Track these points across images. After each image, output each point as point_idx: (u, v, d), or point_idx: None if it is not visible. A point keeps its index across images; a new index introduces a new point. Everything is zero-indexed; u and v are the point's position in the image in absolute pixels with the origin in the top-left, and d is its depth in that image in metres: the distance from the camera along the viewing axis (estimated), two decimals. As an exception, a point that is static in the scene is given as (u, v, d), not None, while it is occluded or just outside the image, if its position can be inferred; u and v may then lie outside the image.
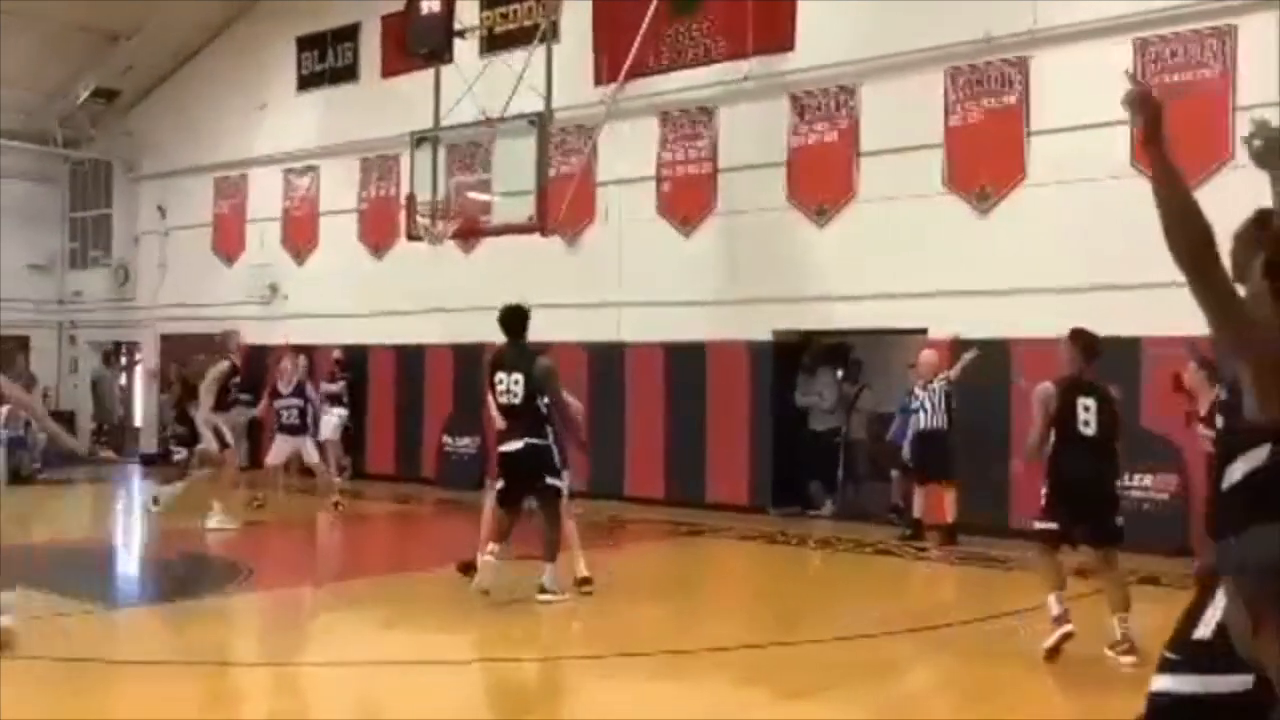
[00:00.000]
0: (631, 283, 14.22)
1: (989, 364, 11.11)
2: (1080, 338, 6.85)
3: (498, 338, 15.86)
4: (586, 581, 8.44)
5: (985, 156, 11.84)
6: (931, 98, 12.19)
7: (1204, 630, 3.05)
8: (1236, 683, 2.94)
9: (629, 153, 14.36)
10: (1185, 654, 3.09)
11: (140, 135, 20.59)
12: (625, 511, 13.42)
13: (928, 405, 11.28)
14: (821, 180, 13.03)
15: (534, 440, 8.08)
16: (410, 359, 16.42)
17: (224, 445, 11.91)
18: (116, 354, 22.28)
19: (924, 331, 12.11)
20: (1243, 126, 10.45)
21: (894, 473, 12.53)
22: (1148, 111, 3.12)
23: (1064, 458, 6.68)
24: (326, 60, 17.89)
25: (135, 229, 20.89)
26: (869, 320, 12.66)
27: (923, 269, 11.97)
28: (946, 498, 11.12)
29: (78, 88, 19.88)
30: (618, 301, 14.29)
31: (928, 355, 11.52)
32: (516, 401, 8.16)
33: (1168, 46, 10.96)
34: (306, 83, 18.18)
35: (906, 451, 11.69)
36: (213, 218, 19.56)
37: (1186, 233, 3.01)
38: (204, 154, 19.19)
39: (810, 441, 13.50)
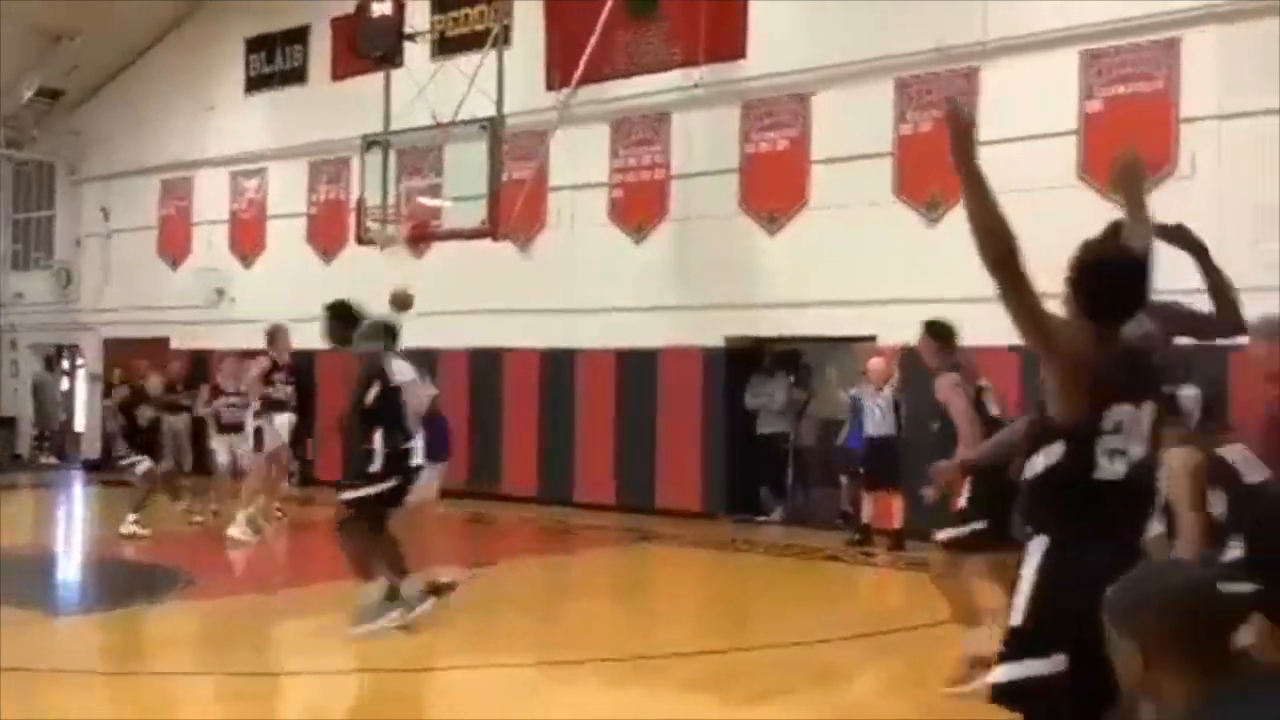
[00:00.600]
0: (584, 289, 14.19)
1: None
2: (933, 327, 6.62)
3: (449, 343, 15.85)
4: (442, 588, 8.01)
5: (935, 166, 11.90)
6: (882, 107, 12.28)
7: (1017, 617, 3.27)
8: (1054, 663, 3.12)
9: (582, 159, 14.34)
10: (1007, 643, 3.29)
11: (84, 136, 20.27)
12: (575, 517, 13.40)
13: (877, 412, 11.35)
14: (773, 188, 13.09)
15: None
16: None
17: (258, 448, 11.71)
18: (58, 358, 21.89)
19: (873, 339, 12.18)
20: (1187, 137, 10.67)
21: (843, 479, 12.59)
22: (957, 129, 3.34)
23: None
24: (275, 62, 17.71)
25: (78, 231, 20.55)
26: (820, 327, 12.73)
27: (873, 277, 12.05)
28: (894, 504, 11.19)
29: (21, 87, 19.52)
30: (570, 307, 14.25)
31: (876, 363, 11.60)
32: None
33: (1114, 58, 11.12)
34: (255, 84, 17.99)
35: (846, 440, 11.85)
36: (158, 220, 19.29)
37: (994, 244, 3.21)
38: (149, 155, 18.92)
39: (762, 445, 13.54)
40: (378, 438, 7.34)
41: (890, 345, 11.95)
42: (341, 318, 8.16)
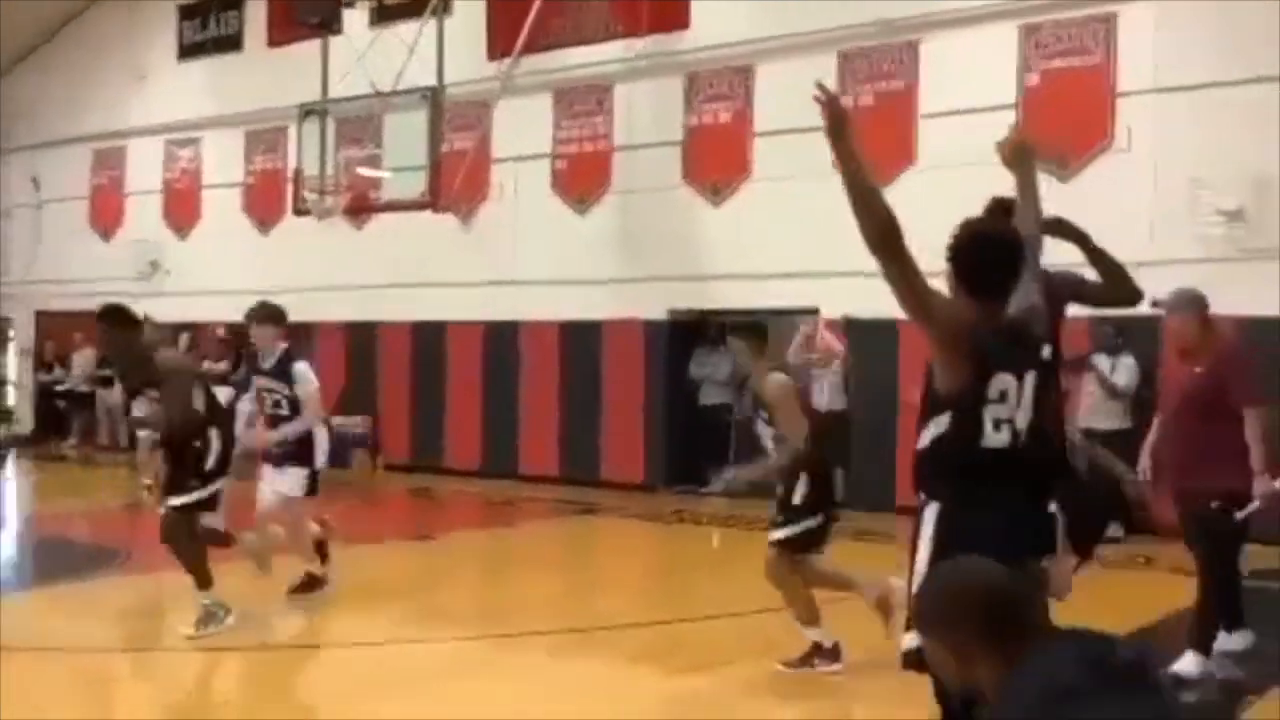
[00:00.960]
0: (527, 261, 14.11)
1: (877, 344, 11.27)
2: (750, 329, 6.29)
3: (390, 316, 15.69)
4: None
5: (876, 139, 11.90)
6: (823, 80, 12.25)
7: (914, 585, 3.41)
8: None
9: (524, 129, 14.21)
10: (911, 612, 3.40)
11: (11, 104, 19.73)
12: (519, 490, 13.37)
13: (826, 387, 11.41)
14: (717, 160, 13.07)
15: None
16: (299, 337, 16.02)
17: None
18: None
19: (816, 311, 12.23)
20: (1124, 111, 10.81)
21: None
22: (834, 115, 3.60)
23: (820, 447, 6.24)
24: (209, 29, 17.36)
25: (6, 201, 20.05)
26: (762, 299, 12.73)
27: (816, 249, 12.06)
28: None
29: (-57, 53, 18.99)
30: (513, 280, 14.17)
31: (827, 337, 11.61)
32: None
33: (1052, 33, 11.21)
34: (189, 51, 17.62)
35: None
36: (89, 190, 18.89)
37: (874, 222, 3.38)
38: (80, 124, 18.48)
39: (705, 417, 13.57)
40: (215, 436, 6.78)
41: (834, 318, 12.02)
42: (123, 323, 6.86)
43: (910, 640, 3.42)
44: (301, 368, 7.35)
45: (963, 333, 3.43)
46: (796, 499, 6.08)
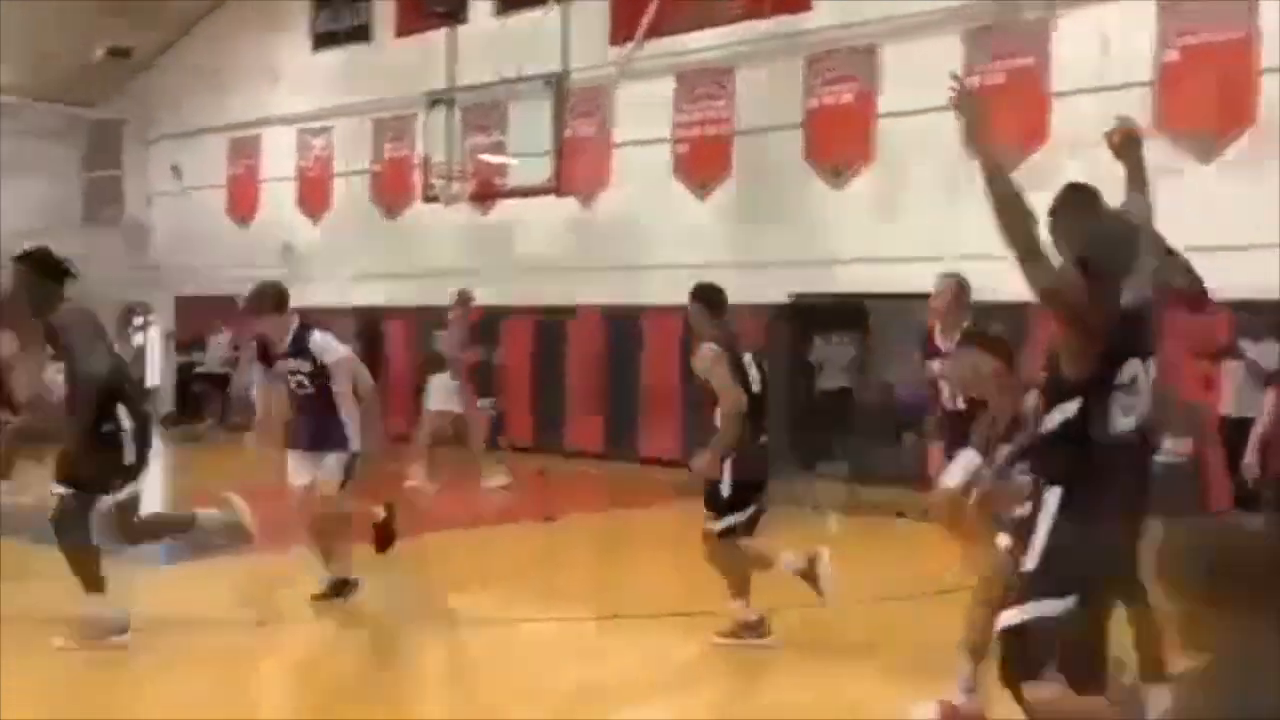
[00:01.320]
0: (648, 245, 14.16)
1: (1007, 329, 11.01)
2: (704, 291, 6.44)
3: (513, 300, 15.88)
4: None
5: (1005, 119, 11.68)
6: (951, 59, 12.03)
7: (1029, 563, 3.52)
8: (1059, 606, 3.40)
9: (646, 114, 14.26)
10: (1017, 589, 3.58)
11: (155, 94, 20.53)
12: (640, 473, 13.45)
13: None
14: (838, 142, 12.94)
15: None
16: (425, 322, 16.40)
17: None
18: (130, 316, 22.31)
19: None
20: (1268, 90, 10.35)
21: (906, 435, 12.47)
22: (970, 111, 3.56)
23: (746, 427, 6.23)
24: (340, 20, 17.80)
25: (148, 189, 20.88)
26: (885, 283, 12.57)
27: (938, 232, 11.87)
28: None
29: (92, 46, 19.79)
30: (634, 264, 14.24)
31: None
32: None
33: (1190, 8, 10.80)
34: (321, 42, 18.09)
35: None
36: (227, 178, 19.55)
37: (1014, 216, 3.45)
38: (218, 114, 19.13)
39: (827, 400, 13.47)
40: (125, 414, 5.94)
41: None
42: (46, 270, 5.97)
43: (1016, 615, 3.49)
44: (320, 338, 6.77)
45: (1094, 322, 3.46)
46: (725, 490, 6.23)
